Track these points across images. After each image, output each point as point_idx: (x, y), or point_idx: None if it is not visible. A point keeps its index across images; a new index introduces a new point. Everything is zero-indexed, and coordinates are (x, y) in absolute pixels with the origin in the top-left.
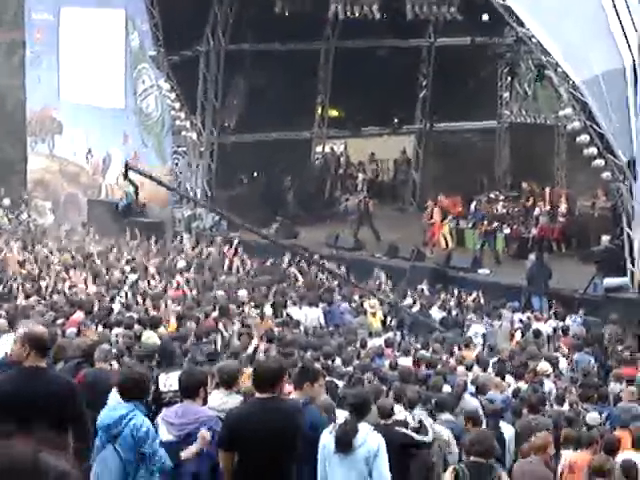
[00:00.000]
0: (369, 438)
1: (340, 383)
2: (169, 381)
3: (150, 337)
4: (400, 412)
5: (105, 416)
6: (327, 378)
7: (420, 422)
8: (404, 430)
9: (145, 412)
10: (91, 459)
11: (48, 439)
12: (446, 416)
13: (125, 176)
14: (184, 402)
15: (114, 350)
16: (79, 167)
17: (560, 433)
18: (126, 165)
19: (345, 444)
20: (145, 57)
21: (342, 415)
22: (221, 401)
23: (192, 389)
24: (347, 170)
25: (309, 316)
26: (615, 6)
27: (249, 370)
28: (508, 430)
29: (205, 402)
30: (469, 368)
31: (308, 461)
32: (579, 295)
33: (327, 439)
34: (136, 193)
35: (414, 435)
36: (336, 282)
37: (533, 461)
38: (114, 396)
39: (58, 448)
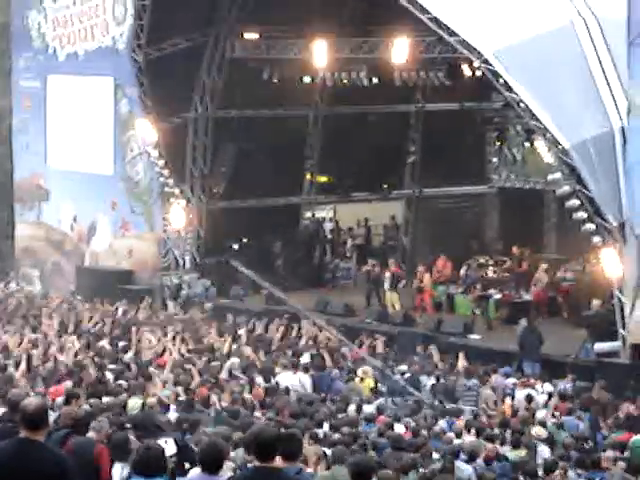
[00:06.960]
0: None
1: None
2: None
3: (135, 406)
4: None
5: None
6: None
7: None
8: None
9: None
10: None
11: None
12: None
13: None
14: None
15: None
16: (63, 234)
17: None
18: None
19: None
20: (134, 124)
21: None
22: None
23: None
24: (336, 235)
25: (290, 382)
26: (603, 70)
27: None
28: None
29: None
30: (459, 435)
31: None
32: (571, 360)
33: None
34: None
35: None
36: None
37: None
38: (118, 467)
39: None
